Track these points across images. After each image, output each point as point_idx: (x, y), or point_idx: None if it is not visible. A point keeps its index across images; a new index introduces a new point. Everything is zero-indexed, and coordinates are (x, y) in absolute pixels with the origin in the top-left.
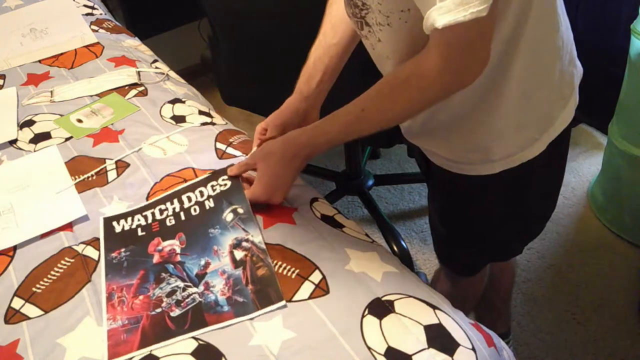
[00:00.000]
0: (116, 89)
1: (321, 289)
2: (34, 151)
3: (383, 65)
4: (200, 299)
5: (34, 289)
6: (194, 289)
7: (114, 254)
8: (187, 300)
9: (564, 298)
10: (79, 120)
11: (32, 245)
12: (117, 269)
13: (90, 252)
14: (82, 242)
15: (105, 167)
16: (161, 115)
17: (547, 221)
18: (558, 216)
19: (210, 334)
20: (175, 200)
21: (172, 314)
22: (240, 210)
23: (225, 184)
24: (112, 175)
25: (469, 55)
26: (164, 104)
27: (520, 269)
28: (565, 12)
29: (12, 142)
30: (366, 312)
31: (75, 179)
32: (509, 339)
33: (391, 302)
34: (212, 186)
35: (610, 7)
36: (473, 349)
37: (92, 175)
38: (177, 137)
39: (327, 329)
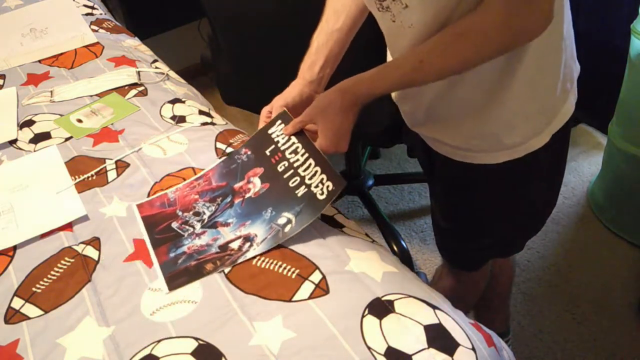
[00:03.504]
0: (116, 89)
1: (321, 289)
2: (34, 151)
3: (402, 38)
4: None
5: (33, 289)
6: (198, 240)
7: (244, 150)
8: (192, 241)
9: (564, 298)
10: (79, 120)
11: (32, 245)
12: (229, 164)
13: (90, 252)
14: (82, 242)
15: (105, 167)
16: (161, 115)
17: (548, 218)
18: (558, 216)
19: (210, 334)
20: (294, 141)
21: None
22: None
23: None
24: (112, 175)
25: (531, 8)
26: (164, 104)
27: (520, 269)
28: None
29: (12, 142)
30: (366, 312)
31: (75, 179)
32: (507, 338)
33: (391, 302)
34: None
35: (610, 7)
36: (473, 349)
37: (92, 175)
38: (177, 137)
39: (327, 329)
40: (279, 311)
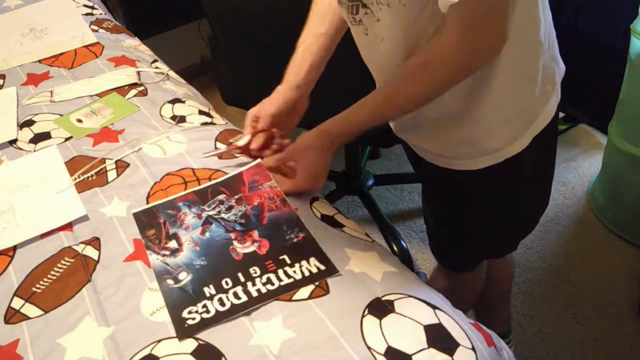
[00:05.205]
0: (116, 89)
1: (321, 289)
2: (34, 151)
3: (375, 51)
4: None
5: (33, 289)
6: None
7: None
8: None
9: (564, 298)
10: (79, 120)
11: (32, 245)
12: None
13: (90, 252)
14: (82, 242)
15: (105, 167)
16: (161, 115)
17: (540, 218)
18: (558, 216)
19: (210, 334)
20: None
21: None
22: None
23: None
24: (112, 175)
25: (484, 31)
26: (164, 104)
27: (520, 269)
28: (549, 9)
29: (12, 142)
30: (366, 312)
31: (75, 179)
32: (509, 339)
33: (391, 302)
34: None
35: (610, 7)
36: (473, 349)
37: (92, 175)
38: (177, 137)
39: (327, 329)
40: (279, 311)
